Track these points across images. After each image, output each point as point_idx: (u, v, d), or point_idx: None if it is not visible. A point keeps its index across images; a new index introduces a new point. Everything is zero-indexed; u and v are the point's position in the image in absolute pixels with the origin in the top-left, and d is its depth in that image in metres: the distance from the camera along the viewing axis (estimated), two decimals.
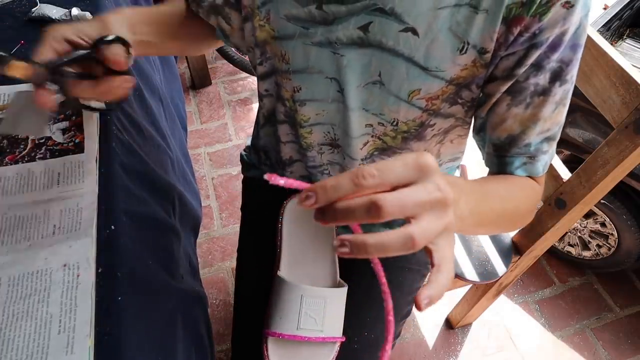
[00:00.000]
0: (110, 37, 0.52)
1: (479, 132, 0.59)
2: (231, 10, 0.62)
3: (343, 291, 0.70)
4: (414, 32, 0.50)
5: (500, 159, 0.58)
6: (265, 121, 0.79)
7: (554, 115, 0.53)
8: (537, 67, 0.49)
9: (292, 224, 0.74)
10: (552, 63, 0.49)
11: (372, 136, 0.65)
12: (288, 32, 0.56)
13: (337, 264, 0.73)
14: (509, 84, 0.51)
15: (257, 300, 0.75)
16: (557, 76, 0.50)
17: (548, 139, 0.55)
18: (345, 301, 0.70)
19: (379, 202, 0.29)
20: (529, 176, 0.59)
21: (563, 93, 0.51)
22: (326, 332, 0.67)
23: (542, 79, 0.50)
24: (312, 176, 0.78)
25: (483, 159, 0.63)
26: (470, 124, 0.63)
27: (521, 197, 0.56)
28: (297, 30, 0.55)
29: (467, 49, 0.50)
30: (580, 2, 0.45)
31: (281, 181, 0.31)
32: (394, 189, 0.31)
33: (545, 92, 0.51)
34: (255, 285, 0.79)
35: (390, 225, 0.83)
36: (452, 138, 0.66)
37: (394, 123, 0.61)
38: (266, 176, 0.31)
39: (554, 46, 0.48)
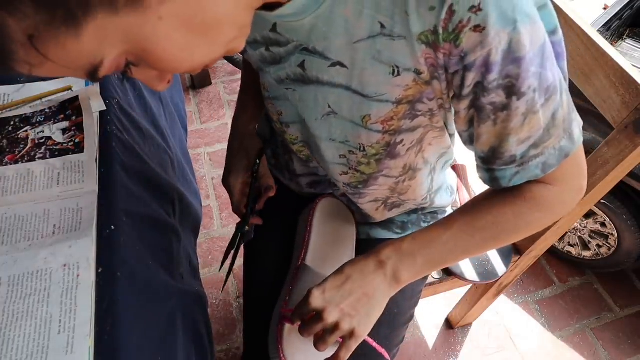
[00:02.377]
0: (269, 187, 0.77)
1: (470, 144, 0.57)
2: None
3: None
4: (342, 65, 0.50)
5: (489, 172, 0.56)
6: (267, 119, 0.83)
7: (526, 124, 0.50)
8: (482, 87, 0.47)
9: (321, 221, 0.79)
10: (497, 81, 0.46)
11: (350, 168, 0.66)
12: (257, 66, 0.61)
13: None
14: (468, 101, 0.50)
15: (271, 288, 0.78)
16: (511, 91, 0.47)
17: (534, 145, 0.52)
18: None
19: (300, 329, 0.59)
20: (540, 180, 0.55)
21: (528, 104, 0.48)
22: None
23: (496, 96, 0.47)
24: (319, 183, 0.80)
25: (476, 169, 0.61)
26: (439, 127, 0.62)
27: (496, 218, 0.58)
28: (260, 67, 0.61)
29: (399, 72, 0.49)
30: (492, 22, 0.41)
31: None
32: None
33: (506, 107, 0.48)
34: (269, 274, 0.81)
35: (389, 226, 0.83)
36: (430, 141, 0.65)
37: (362, 149, 0.61)
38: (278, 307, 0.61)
39: (486, 67, 0.45)
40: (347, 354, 0.57)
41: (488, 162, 0.55)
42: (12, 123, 0.69)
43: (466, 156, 0.99)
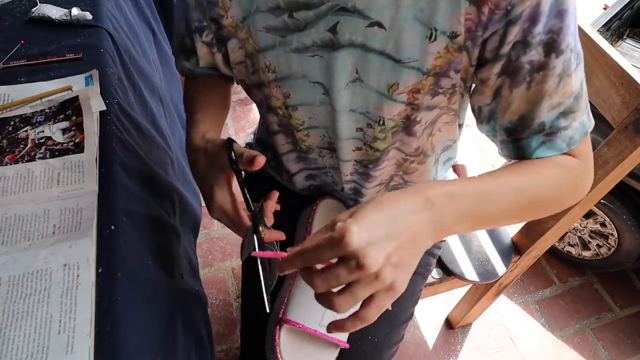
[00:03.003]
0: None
1: (488, 121, 0.57)
2: (218, 44, 0.65)
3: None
4: (380, 25, 0.50)
5: (515, 143, 0.55)
6: (262, 132, 0.81)
7: (560, 88, 0.50)
8: (524, 43, 0.47)
9: (322, 222, 0.78)
10: (540, 36, 0.47)
11: (364, 143, 0.65)
12: (268, 43, 0.58)
13: None
14: (500, 65, 0.50)
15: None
16: (551, 48, 0.47)
17: (564, 113, 0.51)
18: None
19: (313, 280, 0.40)
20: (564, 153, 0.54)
21: (564, 64, 0.49)
22: (340, 335, 0.68)
23: (535, 54, 0.48)
24: (316, 178, 0.79)
25: (497, 149, 0.60)
26: (455, 110, 0.62)
27: (540, 182, 0.52)
28: (276, 39, 0.57)
29: (436, 36, 0.49)
30: None
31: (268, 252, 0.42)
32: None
33: (543, 67, 0.48)
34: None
35: None
36: (440, 126, 0.65)
37: (381, 122, 0.61)
38: (253, 254, 0.43)
39: (533, 19, 0.45)
40: (379, 313, 0.43)
41: (515, 133, 0.54)
42: (12, 123, 0.69)
43: (466, 156, 0.99)
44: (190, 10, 0.62)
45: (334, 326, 0.43)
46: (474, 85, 0.56)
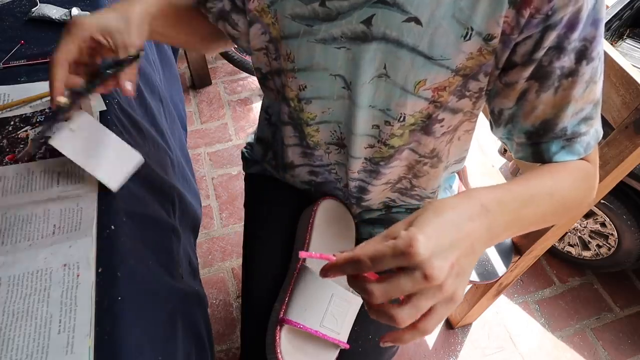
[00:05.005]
0: (131, 55, 0.54)
1: (506, 124, 0.56)
2: (238, 16, 0.62)
3: (361, 301, 0.71)
4: (417, 21, 0.50)
5: (535, 146, 0.55)
6: (268, 122, 0.80)
7: (586, 94, 0.51)
8: (559, 49, 0.48)
9: (323, 222, 0.78)
10: (574, 43, 0.47)
11: (379, 141, 0.65)
12: (293, 31, 0.56)
13: None
14: (531, 69, 0.50)
15: (270, 288, 0.77)
16: (583, 55, 0.48)
17: (585, 120, 0.52)
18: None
19: (371, 290, 0.38)
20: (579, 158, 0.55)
21: (592, 71, 0.49)
22: (341, 336, 0.69)
23: (567, 60, 0.48)
24: (318, 175, 0.79)
25: (511, 151, 0.60)
26: (476, 116, 0.62)
27: (567, 186, 0.52)
28: (301, 28, 0.56)
29: (471, 35, 0.49)
30: None
31: (314, 254, 0.41)
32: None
33: (573, 73, 0.49)
34: (268, 274, 0.80)
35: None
36: (460, 135, 0.65)
37: (401, 119, 0.60)
38: (301, 254, 0.40)
39: (571, 25, 0.46)
40: (439, 323, 0.43)
41: (536, 136, 0.55)
42: (12, 123, 0.69)
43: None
44: None
45: (391, 338, 0.41)
46: (493, 88, 0.56)
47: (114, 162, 0.61)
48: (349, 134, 0.65)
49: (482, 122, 0.77)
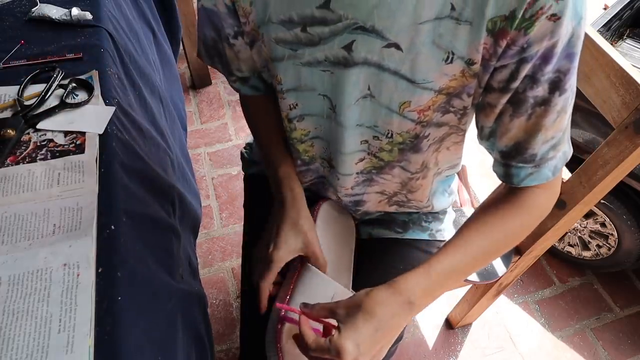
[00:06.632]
0: None
1: (488, 139, 0.59)
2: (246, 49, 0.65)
3: None
4: (397, 47, 0.50)
5: (506, 168, 0.58)
6: None
7: (556, 123, 0.52)
8: (533, 79, 0.49)
9: (324, 223, 0.78)
10: (548, 75, 0.48)
11: (369, 153, 0.65)
12: (278, 54, 0.57)
13: (352, 274, 0.77)
14: (508, 96, 0.51)
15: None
16: (556, 86, 0.49)
17: (553, 147, 0.55)
18: None
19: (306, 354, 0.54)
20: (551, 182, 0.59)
21: (564, 102, 0.51)
22: None
23: (541, 90, 0.49)
24: (314, 187, 0.79)
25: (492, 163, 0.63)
26: (464, 131, 0.63)
27: (511, 230, 0.60)
28: (285, 52, 0.56)
29: (452, 59, 0.49)
30: (568, 13, 0.43)
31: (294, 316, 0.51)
32: None
33: (545, 102, 0.50)
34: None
35: (390, 226, 0.83)
36: (448, 145, 0.66)
37: (389, 135, 0.61)
38: (277, 305, 0.52)
39: (545, 59, 0.47)
40: None
41: (508, 157, 0.57)
42: None
43: (466, 157, 0.99)
44: (222, 19, 0.61)
45: None
46: (479, 103, 0.57)
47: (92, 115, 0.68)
48: (336, 153, 0.66)
49: None
